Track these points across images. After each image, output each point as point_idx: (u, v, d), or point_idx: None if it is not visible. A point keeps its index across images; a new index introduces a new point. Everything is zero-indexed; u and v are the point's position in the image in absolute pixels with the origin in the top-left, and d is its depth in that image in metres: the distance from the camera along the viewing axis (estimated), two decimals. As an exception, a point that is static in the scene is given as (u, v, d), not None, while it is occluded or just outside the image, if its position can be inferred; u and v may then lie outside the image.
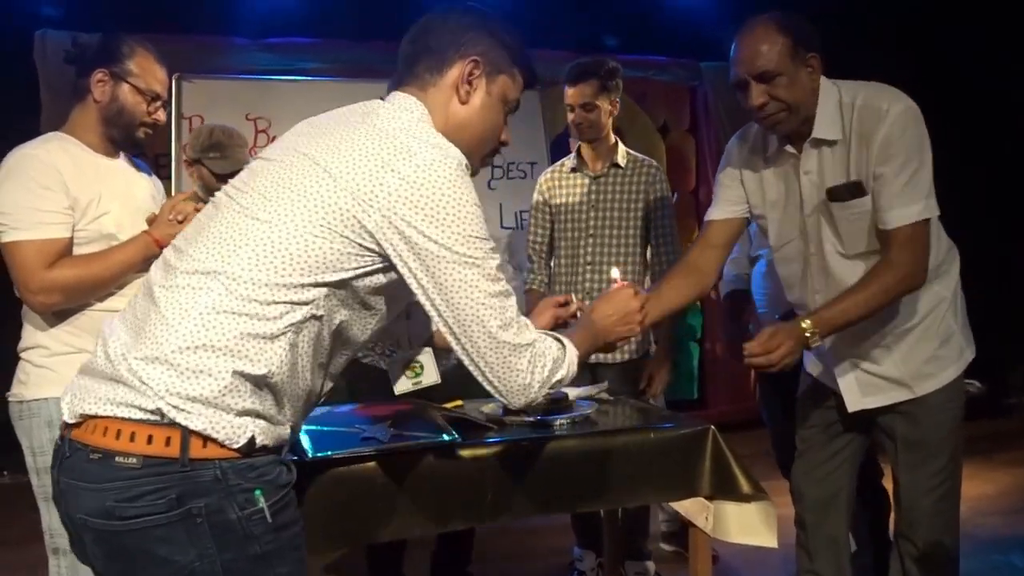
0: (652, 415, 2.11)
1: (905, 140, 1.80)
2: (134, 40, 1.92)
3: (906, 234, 1.80)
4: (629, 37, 5.17)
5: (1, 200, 1.73)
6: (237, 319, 1.17)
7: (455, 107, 1.36)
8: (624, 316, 1.63)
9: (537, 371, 1.33)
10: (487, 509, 1.74)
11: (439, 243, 1.23)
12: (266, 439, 1.22)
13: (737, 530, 1.86)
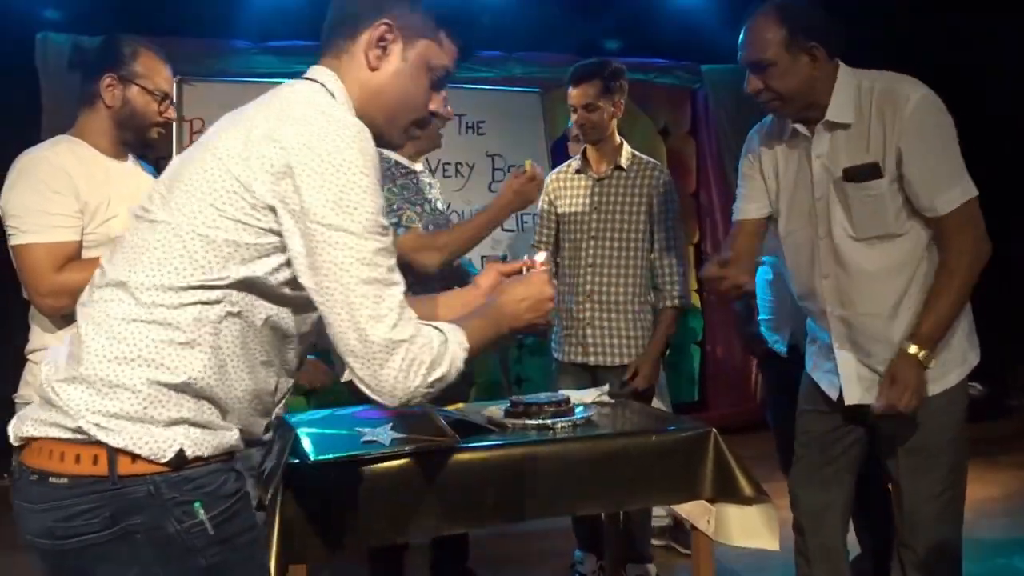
0: (654, 418, 2.11)
1: (933, 125, 1.84)
2: (135, 41, 1.92)
3: (959, 217, 1.84)
4: (630, 40, 5.17)
5: (11, 203, 1.74)
6: (147, 327, 1.14)
7: (366, 74, 1.29)
8: (536, 302, 1.45)
9: (412, 372, 1.19)
10: (488, 512, 1.74)
11: (313, 214, 1.13)
12: (202, 449, 1.16)
13: (739, 533, 1.86)
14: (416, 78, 1.31)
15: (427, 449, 1.69)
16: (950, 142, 1.86)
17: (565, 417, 1.93)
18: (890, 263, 1.93)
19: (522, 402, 1.98)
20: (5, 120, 4.22)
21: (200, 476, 1.16)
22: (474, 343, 1.32)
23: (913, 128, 1.82)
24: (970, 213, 1.85)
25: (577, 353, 2.80)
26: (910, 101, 1.83)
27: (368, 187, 1.16)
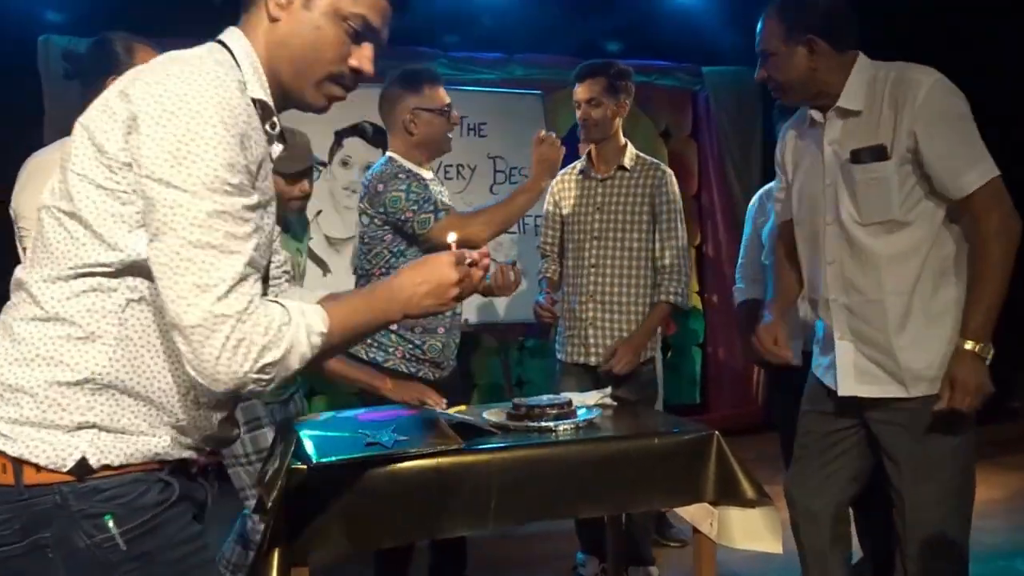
0: (656, 420, 2.11)
1: (948, 107, 1.86)
2: (127, 37, 1.87)
3: (984, 196, 1.84)
4: (631, 42, 5.17)
5: (23, 205, 1.74)
6: (44, 325, 1.06)
7: (268, 26, 1.19)
8: (437, 287, 1.28)
9: (240, 353, 1.05)
10: (491, 515, 1.74)
11: (146, 167, 1.03)
12: (111, 456, 1.07)
13: (741, 536, 1.86)
14: (324, 28, 1.19)
15: (430, 452, 1.69)
16: (967, 123, 1.87)
17: (567, 419, 1.93)
18: (894, 251, 1.92)
19: (524, 404, 1.98)
20: (8, 122, 4.22)
21: (112, 487, 1.08)
22: (340, 326, 1.19)
23: (927, 111, 1.84)
24: (995, 192, 1.84)
25: (580, 354, 2.80)
26: (922, 86, 1.86)
27: (216, 140, 1.03)
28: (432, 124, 2.45)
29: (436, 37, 4.89)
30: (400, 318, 1.31)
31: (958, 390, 1.83)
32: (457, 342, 2.59)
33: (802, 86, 1.97)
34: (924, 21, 4.79)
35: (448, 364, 2.55)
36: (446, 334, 2.51)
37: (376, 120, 4.25)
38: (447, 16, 4.82)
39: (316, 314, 1.16)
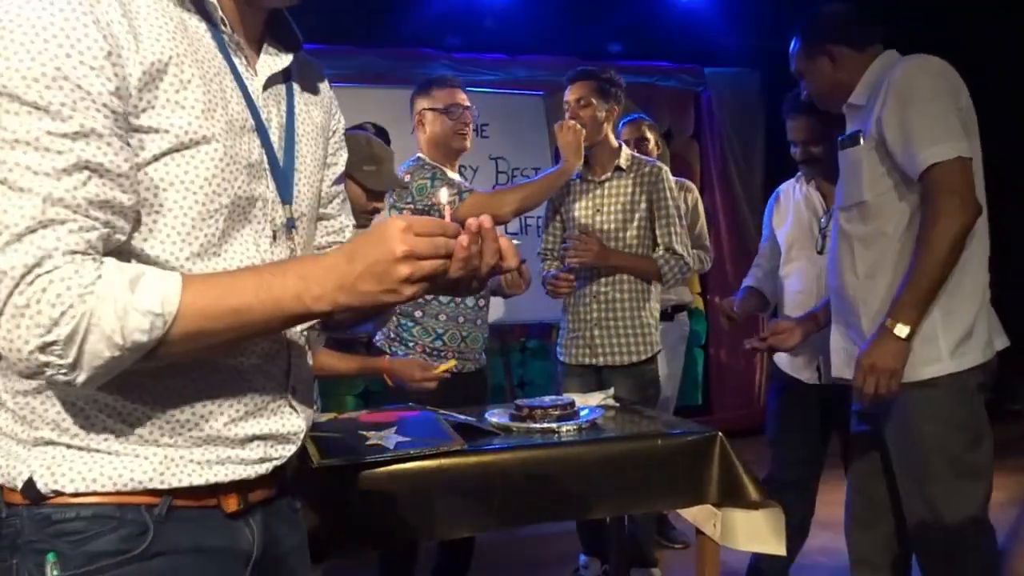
0: (659, 422, 2.10)
1: (913, 86, 1.85)
2: None
3: (936, 176, 1.78)
4: (633, 43, 5.17)
5: None
6: None
7: None
8: (373, 264, 0.85)
9: (24, 323, 0.78)
10: (494, 516, 1.73)
11: None
12: (66, 480, 0.87)
13: (745, 537, 1.85)
14: None
15: (432, 453, 1.69)
16: (931, 102, 1.81)
17: (570, 420, 1.93)
18: (864, 234, 1.94)
19: (527, 405, 1.98)
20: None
21: (66, 519, 0.87)
22: (206, 309, 0.83)
23: (892, 90, 1.86)
24: (949, 173, 1.77)
25: (585, 355, 2.80)
26: (898, 68, 1.89)
27: (22, 42, 0.78)
28: (436, 123, 2.59)
29: (439, 38, 4.90)
30: (321, 309, 0.87)
31: (859, 371, 1.84)
32: (485, 336, 2.65)
33: (831, 93, 2.05)
34: (926, 23, 4.79)
35: (474, 358, 2.61)
36: (470, 325, 2.57)
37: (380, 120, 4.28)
38: (450, 18, 4.83)
39: (159, 286, 0.82)
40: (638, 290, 2.79)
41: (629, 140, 3.37)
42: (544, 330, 4.97)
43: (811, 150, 2.41)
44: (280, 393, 1.01)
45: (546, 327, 4.96)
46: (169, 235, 0.89)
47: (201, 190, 0.89)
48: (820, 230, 2.42)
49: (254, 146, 0.96)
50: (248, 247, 0.96)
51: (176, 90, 0.87)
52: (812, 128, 2.37)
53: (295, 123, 1.05)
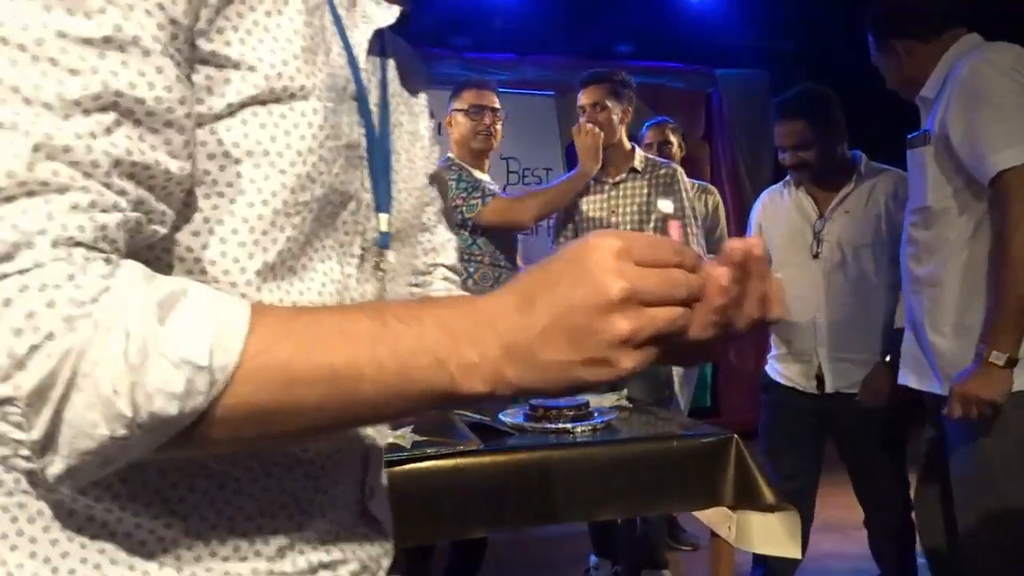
0: (674, 423, 2.09)
1: (982, 85, 1.74)
2: None
3: (1009, 181, 1.67)
4: (644, 44, 5.17)
5: None
6: None
7: None
8: (570, 315, 0.47)
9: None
10: (508, 516, 1.73)
11: None
12: None
13: (760, 540, 1.84)
14: None
15: (449, 452, 1.69)
16: (1002, 101, 1.70)
17: (585, 421, 1.92)
18: (928, 238, 1.88)
19: (541, 406, 1.97)
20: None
21: None
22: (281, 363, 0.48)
23: (957, 88, 1.77)
24: (1019, 181, 1.65)
25: None
26: (966, 62, 1.78)
27: None
28: (460, 124, 2.68)
29: (448, 38, 4.90)
30: (474, 390, 0.50)
31: (963, 402, 1.74)
32: None
33: (904, 85, 2.03)
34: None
35: None
36: None
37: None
38: (459, 17, 4.83)
39: (210, 318, 0.48)
40: None
41: (653, 143, 3.38)
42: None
43: (800, 155, 2.35)
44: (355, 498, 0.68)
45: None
46: (236, 233, 0.56)
47: (292, 168, 0.57)
48: (815, 235, 2.36)
49: (354, 122, 0.64)
50: (332, 269, 0.63)
51: (268, 12, 0.57)
52: (801, 133, 2.32)
53: (390, 106, 0.72)
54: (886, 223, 2.28)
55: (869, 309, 2.29)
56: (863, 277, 2.29)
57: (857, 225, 2.30)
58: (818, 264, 2.33)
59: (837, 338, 2.30)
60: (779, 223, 2.46)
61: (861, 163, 2.38)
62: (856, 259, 2.29)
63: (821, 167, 2.33)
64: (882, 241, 2.28)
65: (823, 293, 2.31)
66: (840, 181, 2.35)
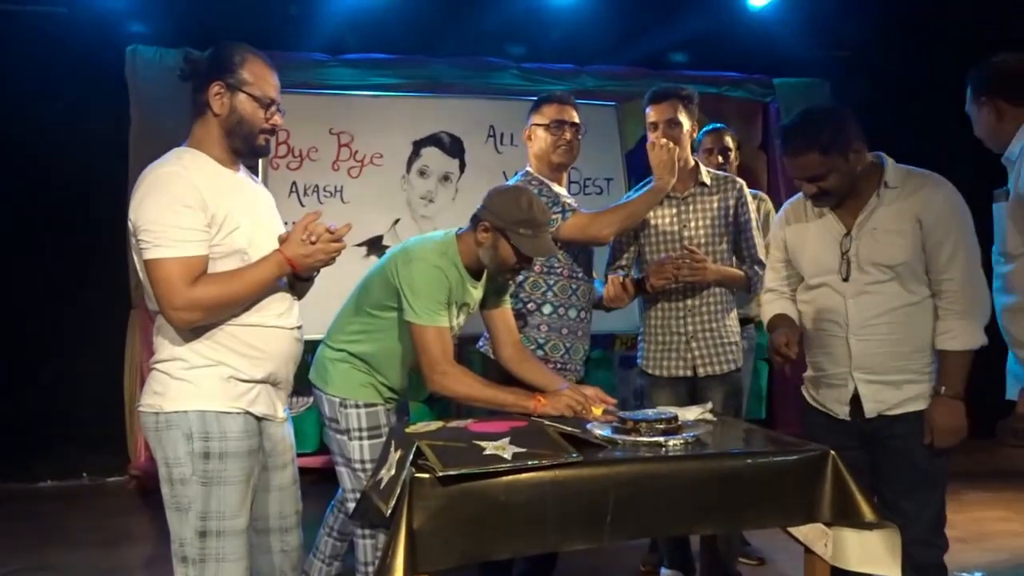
0: (764, 437, 2.09)
1: None
2: (244, 48, 1.91)
3: None
4: (701, 53, 5.15)
5: (143, 217, 1.76)
6: None
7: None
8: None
9: None
10: (607, 529, 1.74)
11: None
12: None
13: (857, 558, 1.83)
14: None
15: (550, 464, 1.70)
16: None
17: (676, 435, 1.92)
18: (1007, 272, 2.15)
19: (631, 419, 1.98)
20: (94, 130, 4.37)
21: None
22: None
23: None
24: None
25: (679, 367, 2.79)
26: None
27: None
28: (540, 138, 2.68)
29: (506, 48, 4.93)
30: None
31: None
32: (586, 347, 2.70)
33: (991, 141, 2.20)
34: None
35: (575, 369, 2.64)
36: (572, 336, 2.62)
37: (452, 130, 4.32)
38: (516, 27, 4.85)
39: None
40: (725, 301, 2.80)
41: (712, 148, 3.35)
42: (607, 340, 4.97)
43: (819, 185, 2.14)
44: None
45: (609, 337, 4.95)
46: None
47: None
48: (843, 255, 2.19)
49: None
50: None
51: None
52: (815, 164, 2.11)
53: None
54: (918, 236, 2.11)
55: (905, 329, 2.13)
56: (897, 296, 2.13)
57: (887, 242, 2.13)
58: (848, 286, 2.17)
59: (872, 361, 2.15)
60: (805, 243, 2.29)
61: (887, 172, 2.17)
62: (888, 278, 2.13)
63: (845, 190, 2.16)
64: (916, 257, 2.11)
65: (855, 315, 2.16)
66: (866, 194, 2.17)
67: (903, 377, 2.14)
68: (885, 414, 2.15)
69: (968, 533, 3.53)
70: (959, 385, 2.09)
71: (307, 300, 2.06)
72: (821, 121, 2.12)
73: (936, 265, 2.10)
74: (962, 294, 2.09)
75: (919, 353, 2.14)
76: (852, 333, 2.17)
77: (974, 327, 2.09)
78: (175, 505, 1.79)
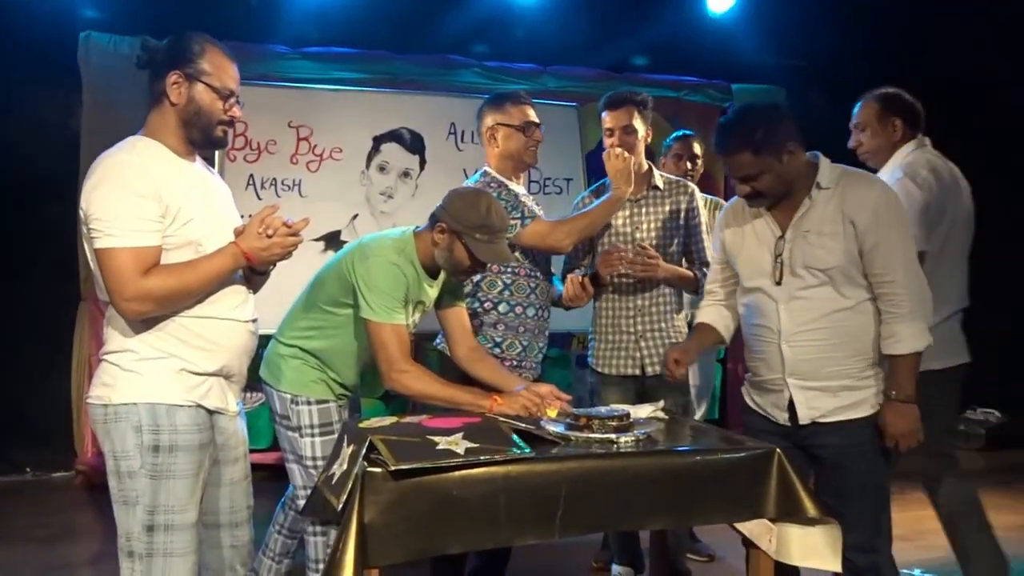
0: (713, 436, 2.13)
1: None
2: (204, 38, 1.89)
3: None
4: (662, 58, 5.23)
5: (94, 206, 1.72)
6: None
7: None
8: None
9: None
10: (558, 524, 1.75)
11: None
12: None
13: (800, 553, 1.88)
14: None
15: (502, 460, 1.71)
16: None
17: (628, 432, 1.95)
18: None
19: (584, 415, 2.00)
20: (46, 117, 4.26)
21: None
22: None
23: None
24: None
25: (627, 365, 2.83)
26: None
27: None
28: (511, 139, 2.67)
29: (469, 46, 4.94)
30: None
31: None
32: (542, 346, 2.71)
33: (881, 156, 2.52)
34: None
35: (531, 366, 2.64)
36: (529, 335, 2.63)
37: (413, 126, 4.31)
38: (481, 26, 4.86)
39: None
40: (673, 302, 2.87)
41: (682, 155, 3.42)
42: (565, 339, 5.00)
43: (753, 185, 2.11)
44: None
45: (566, 336, 4.99)
46: None
47: None
48: (776, 257, 2.14)
49: None
50: None
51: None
52: (748, 164, 2.07)
53: None
54: (852, 238, 2.06)
55: (840, 335, 2.08)
56: (830, 300, 2.08)
57: (820, 244, 2.07)
58: (780, 291, 2.13)
59: (806, 367, 2.10)
60: (742, 245, 2.24)
61: (820, 172, 2.11)
62: (821, 282, 2.08)
63: (778, 192, 2.10)
64: (850, 260, 2.06)
65: (787, 321, 2.11)
66: (800, 195, 2.11)
67: (839, 383, 2.09)
68: (819, 421, 2.09)
69: (909, 532, 3.64)
70: (910, 388, 2.05)
71: (263, 295, 2.05)
72: (755, 120, 2.08)
73: (874, 268, 2.05)
74: (904, 296, 2.03)
75: (855, 359, 2.08)
76: (784, 340, 2.11)
77: (919, 328, 2.05)
78: (122, 499, 1.77)
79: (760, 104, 2.29)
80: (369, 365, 2.25)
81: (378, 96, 4.29)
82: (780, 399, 2.16)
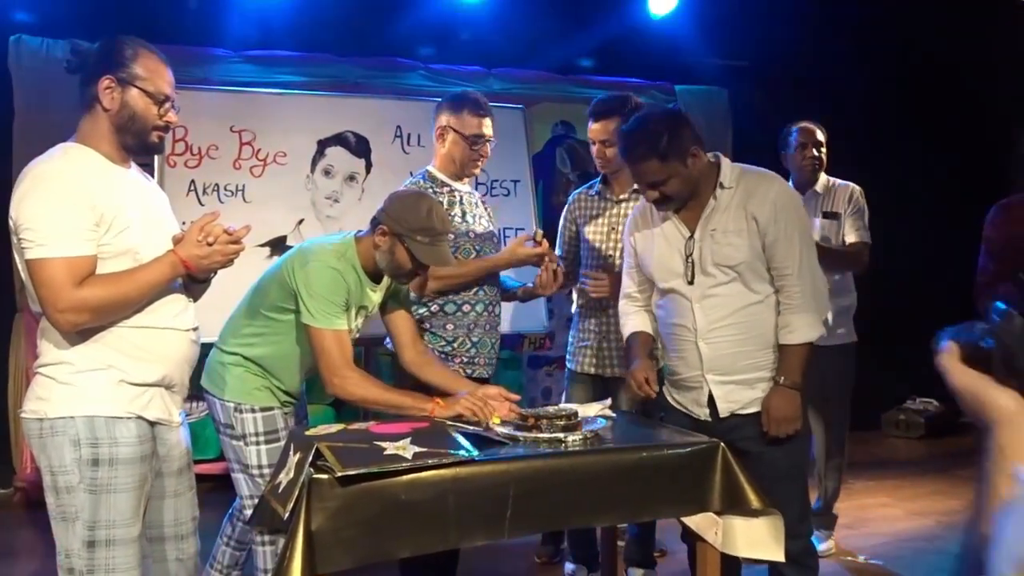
0: (661, 432, 2.16)
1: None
2: (136, 42, 1.85)
3: None
4: (607, 59, 5.27)
5: (24, 215, 1.67)
6: None
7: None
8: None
9: None
10: (507, 524, 1.77)
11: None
12: None
13: (745, 544, 1.92)
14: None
15: (449, 463, 1.72)
16: None
17: (575, 431, 1.97)
18: None
19: (532, 415, 2.02)
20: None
21: None
22: None
23: None
24: None
25: (591, 365, 2.89)
26: None
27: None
28: (458, 146, 2.65)
29: (414, 48, 4.92)
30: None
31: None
32: (494, 343, 2.70)
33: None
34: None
35: (485, 362, 2.65)
36: (480, 331, 2.63)
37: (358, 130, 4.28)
38: (426, 29, 4.85)
39: None
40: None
41: None
42: (516, 340, 5.01)
43: (660, 191, 2.15)
44: None
45: (518, 337, 5.00)
46: None
47: None
48: (687, 257, 2.20)
49: None
50: None
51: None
52: (656, 169, 2.12)
53: None
54: (755, 234, 2.14)
55: (752, 328, 2.16)
56: (740, 296, 2.16)
57: (726, 242, 2.15)
58: (693, 290, 2.19)
59: (723, 363, 2.18)
60: (652, 248, 2.29)
61: (722, 172, 2.19)
62: (730, 279, 2.15)
63: (685, 194, 2.17)
64: (755, 255, 2.14)
65: (702, 319, 2.17)
66: (705, 196, 2.19)
67: (754, 376, 2.17)
68: (738, 413, 2.18)
69: (853, 520, 3.75)
70: (797, 376, 2.13)
71: (207, 302, 2.01)
72: (659, 127, 2.11)
73: (774, 262, 2.14)
74: (799, 288, 2.13)
75: (767, 351, 2.17)
76: (701, 337, 2.18)
77: (812, 320, 2.14)
78: (61, 515, 1.72)
79: (659, 111, 2.37)
80: (314, 371, 2.23)
81: (322, 99, 4.24)
82: (700, 395, 2.23)
